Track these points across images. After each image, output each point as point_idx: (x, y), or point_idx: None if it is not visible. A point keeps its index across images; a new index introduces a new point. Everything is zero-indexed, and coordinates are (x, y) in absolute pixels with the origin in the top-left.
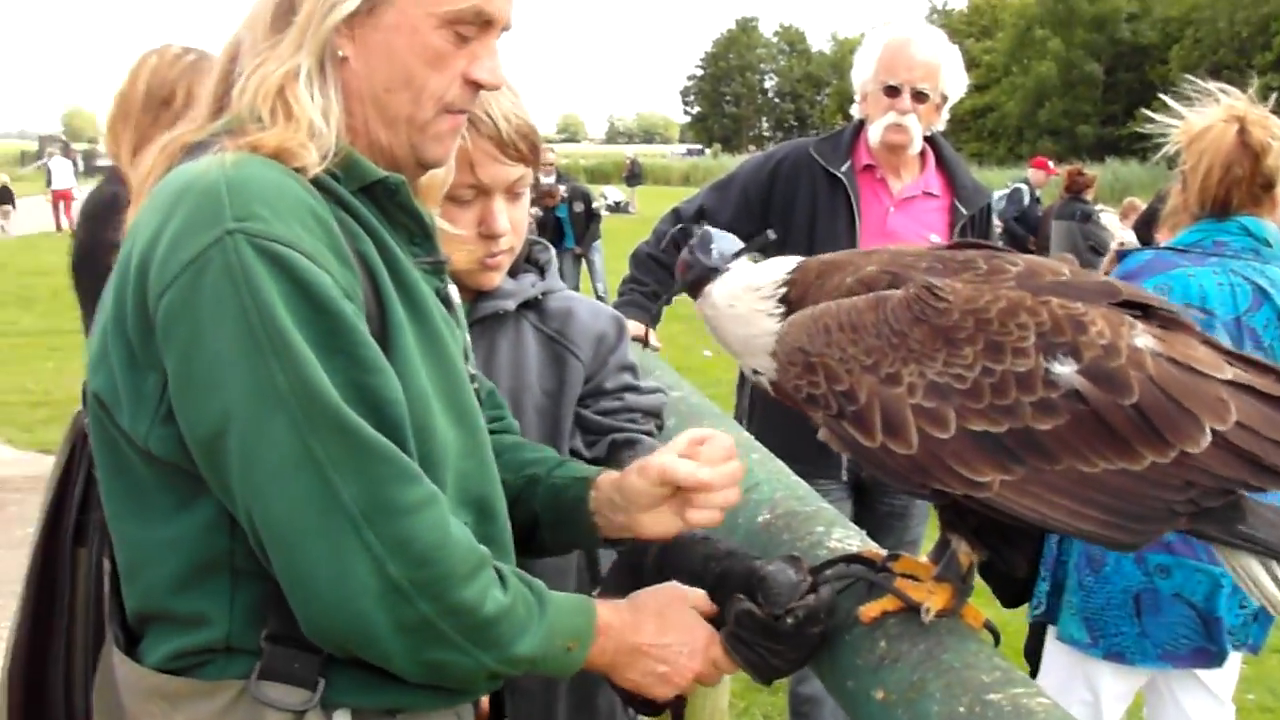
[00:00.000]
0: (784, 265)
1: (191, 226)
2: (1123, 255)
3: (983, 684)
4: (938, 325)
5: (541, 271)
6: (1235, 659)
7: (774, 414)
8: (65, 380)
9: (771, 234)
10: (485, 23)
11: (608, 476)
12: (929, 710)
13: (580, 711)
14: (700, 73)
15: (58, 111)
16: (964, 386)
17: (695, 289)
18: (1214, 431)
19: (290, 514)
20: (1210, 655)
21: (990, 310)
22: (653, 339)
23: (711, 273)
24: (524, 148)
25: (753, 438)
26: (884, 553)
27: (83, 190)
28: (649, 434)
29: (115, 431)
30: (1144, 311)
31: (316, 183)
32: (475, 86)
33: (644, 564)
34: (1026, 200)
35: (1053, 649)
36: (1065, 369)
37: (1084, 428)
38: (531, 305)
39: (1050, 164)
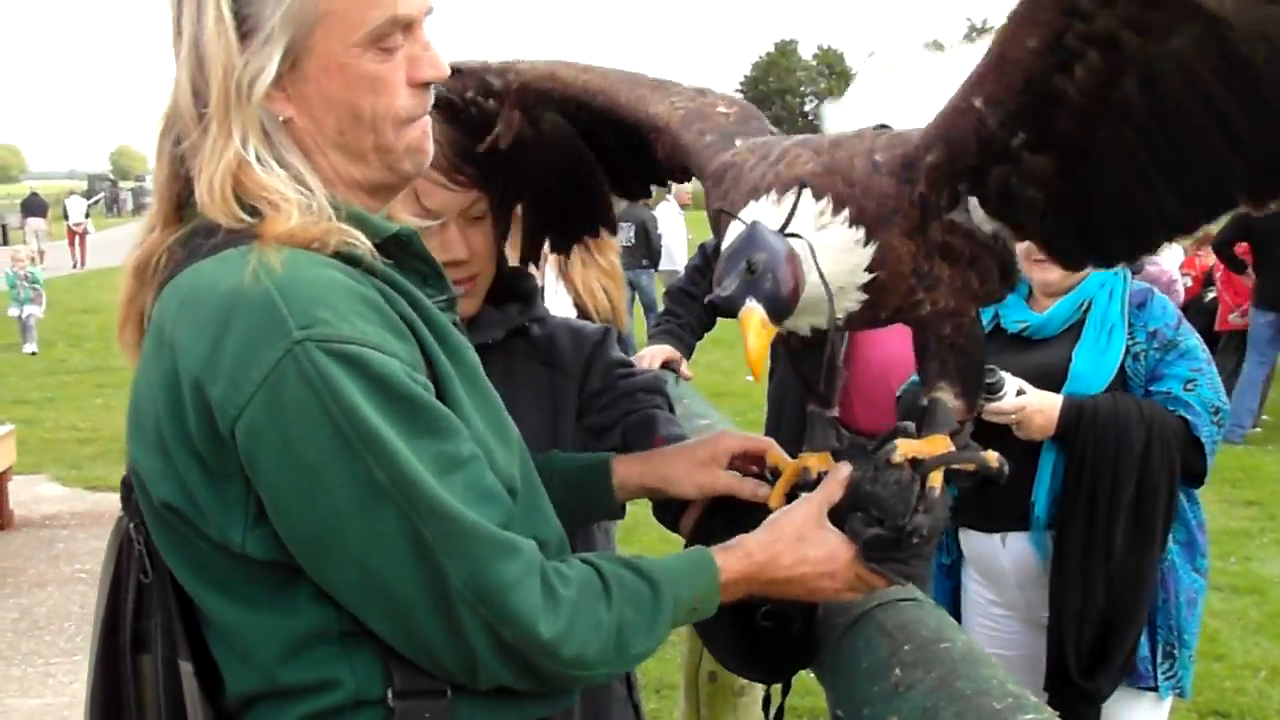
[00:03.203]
0: (813, 205)
1: (255, 342)
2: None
3: (994, 711)
4: None
5: (527, 301)
6: (1166, 704)
7: (798, 439)
8: (114, 417)
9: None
10: (406, 26)
11: (625, 458)
12: None
13: None
14: (740, 96)
15: (106, 150)
16: None
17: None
18: None
19: (412, 595)
20: None
21: None
22: (684, 369)
23: (794, 242)
24: (472, 171)
25: None
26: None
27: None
28: (658, 408)
29: (195, 536)
30: None
31: (340, 254)
32: (425, 86)
33: (714, 526)
34: None
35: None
36: None
37: None
38: (520, 334)
39: None
